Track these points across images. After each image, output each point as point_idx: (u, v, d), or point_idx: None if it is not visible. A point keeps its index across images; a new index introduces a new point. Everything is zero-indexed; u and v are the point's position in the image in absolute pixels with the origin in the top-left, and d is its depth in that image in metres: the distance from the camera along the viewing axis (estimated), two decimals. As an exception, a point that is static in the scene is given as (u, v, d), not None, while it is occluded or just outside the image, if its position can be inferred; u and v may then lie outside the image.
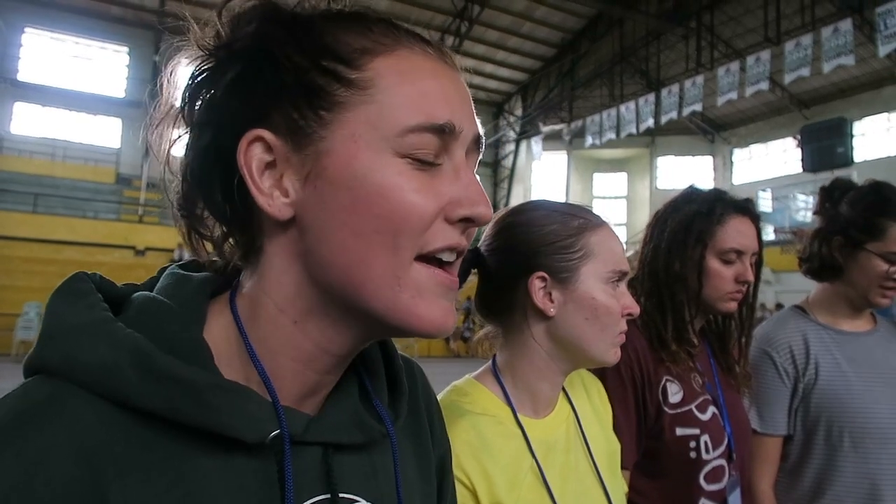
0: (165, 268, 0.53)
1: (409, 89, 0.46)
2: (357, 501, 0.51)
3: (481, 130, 0.51)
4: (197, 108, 0.48)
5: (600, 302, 0.90)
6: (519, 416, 0.90)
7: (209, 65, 0.47)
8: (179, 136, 0.49)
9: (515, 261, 0.93)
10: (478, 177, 0.51)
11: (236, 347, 0.48)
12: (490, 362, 0.97)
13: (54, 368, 0.42)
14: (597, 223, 0.94)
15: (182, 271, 0.52)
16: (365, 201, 0.45)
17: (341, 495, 0.49)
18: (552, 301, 0.91)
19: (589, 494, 0.93)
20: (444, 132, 0.46)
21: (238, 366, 0.48)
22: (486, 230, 0.99)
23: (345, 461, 0.51)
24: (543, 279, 0.91)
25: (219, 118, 0.47)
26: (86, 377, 0.41)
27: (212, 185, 0.48)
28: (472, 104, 0.51)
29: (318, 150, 0.45)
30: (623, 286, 0.94)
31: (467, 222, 0.48)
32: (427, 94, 0.46)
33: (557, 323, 0.91)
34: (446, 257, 0.48)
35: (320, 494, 0.48)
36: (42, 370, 0.42)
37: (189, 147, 0.48)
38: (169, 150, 0.50)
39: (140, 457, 0.41)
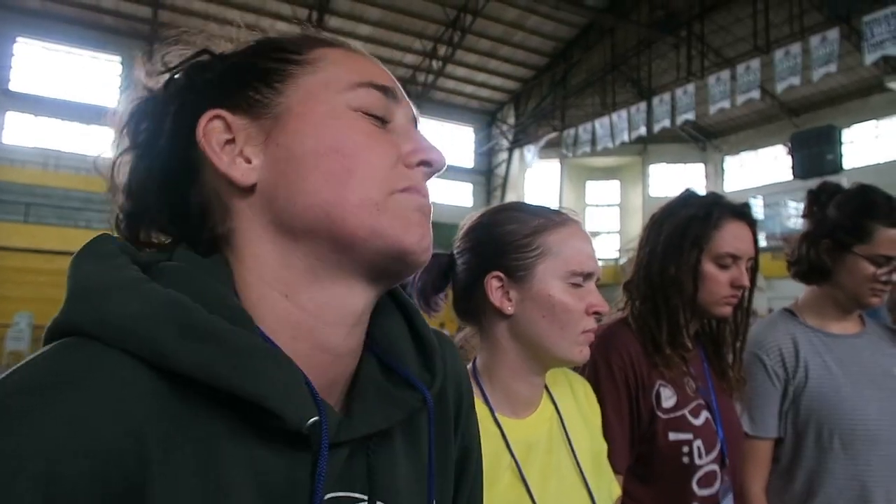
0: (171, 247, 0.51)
1: (351, 64, 0.51)
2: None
3: (417, 113, 0.55)
4: (145, 127, 0.51)
5: (557, 299, 0.90)
6: (497, 415, 0.90)
7: (161, 95, 0.51)
8: (124, 152, 0.52)
9: (476, 262, 0.94)
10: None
11: None
12: (471, 363, 0.98)
13: (86, 329, 0.38)
14: (559, 222, 0.94)
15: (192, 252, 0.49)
16: (331, 143, 0.47)
17: (354, 495, 0.48)
18: (510, 300, 0.91)
19: (571, 494, 0.93)
20: (388, 94, 0.50)
21: None
22: (459, 233, 1.00)
23: (370, 457, 0.49)
24: (500, 279, 0.91)
25: (177, 126, 0.49)
26: (121, 335, 0.38)
27: (172, 183, 0.49)
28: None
29: (276, 113, 0.48)
30: (591, 285, 0.93)
31: (425, 166, 0.51)
32: (367, 68, 0.51)
33: (518, 321, 0.92)
34: None
35: (339, 490, 0.46)
36: (70, 333, 0.38)
37: (140, 156, 0.51)
38: (115, 167, 0.52)
39: (182, 435, 0.38)
